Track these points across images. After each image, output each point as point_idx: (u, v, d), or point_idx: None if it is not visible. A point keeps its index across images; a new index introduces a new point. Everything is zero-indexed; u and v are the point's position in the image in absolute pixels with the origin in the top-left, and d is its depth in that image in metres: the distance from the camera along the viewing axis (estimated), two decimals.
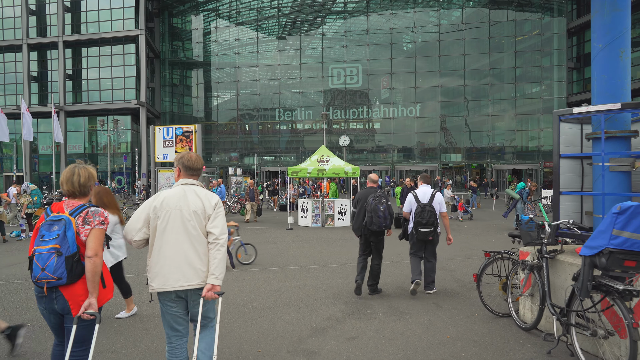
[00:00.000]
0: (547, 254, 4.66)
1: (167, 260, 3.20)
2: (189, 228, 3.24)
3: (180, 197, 3.28)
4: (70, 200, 3.16)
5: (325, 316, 5.71)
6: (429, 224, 6.48)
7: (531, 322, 4.90)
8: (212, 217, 3.29)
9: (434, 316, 5.67)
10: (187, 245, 3.23)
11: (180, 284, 3.19)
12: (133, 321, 5.60)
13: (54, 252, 2.89)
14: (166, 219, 3.24)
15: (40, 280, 2.90)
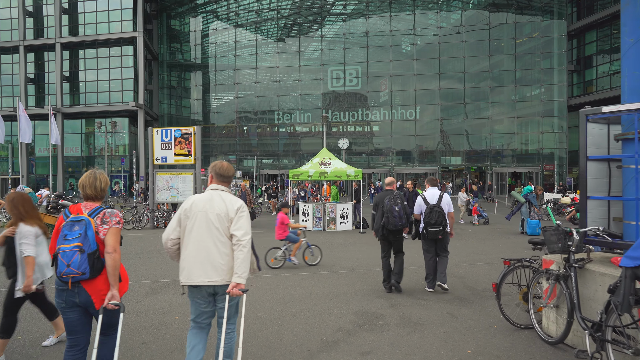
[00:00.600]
0: (575, 263, 4.35)
1: (191, 258, 3.51)
2: (212, 229, 3.50)
3: (207, 200, 3.57)
4: (88, 203, 3.45)
5: (335, 328, 5.40)
6: (437, 224, 6.89)
7: (557, 335, 4.59)
8: (235, 220, 3.52)
9: (450, 328, 5.35)
10: (210, 245, 3.49)
11: (201, 280, 3.47)
12: (130, 334, 5.27)
13: (77, 250, 3.17)
14: (193, 220, 3.53)
15: (66, 275, 3.16)
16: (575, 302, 4.19)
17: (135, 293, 7.19)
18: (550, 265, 4.83)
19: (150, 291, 7.33)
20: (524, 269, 5.37)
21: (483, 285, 7.61)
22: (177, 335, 5.19)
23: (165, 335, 5.19)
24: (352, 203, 16.97)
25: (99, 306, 3.27)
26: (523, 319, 5.36)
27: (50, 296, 4.46)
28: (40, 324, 5.60)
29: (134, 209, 18.06)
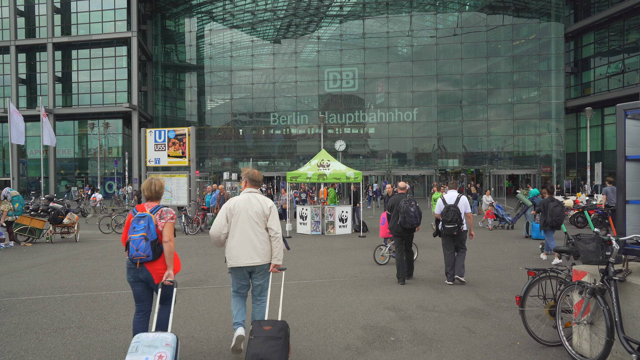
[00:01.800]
0: (615, 276, 3.89)
1: (237, 246, 4.50)
2: (252, 223, 4.53)
3: (246, 201, 4.60)
4: (149, 202, 4.40)
5: (343, 345, 4.90)
6: (453, 222, 7.68)
7: (592, 356, 4.12)
8: (270, 216, 4.59)
9: (469, 345, 4.87)
10: (252, 235, 4.51)
11: (247, 262, 4.50)
12: (117, 355, 4.75)
13: (143, 239, 4.10)
14: (237, 217, 4.54)
15: (135, 257, 4.11)
16: (617, 320, 3.73)
17: (123, 304, 6.66)
18: (583, 277, 4.36)
19: None
20: (549, 280, 4.90)
21: (496, 294, 7.14)
22: None
23: None
24: (351, 206, 16.51)
25: (157, 282, 4.21)
26: (549, 335, 4.89)
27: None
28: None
29: (126, 212, 17.49)
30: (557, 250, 5.06)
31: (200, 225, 16.54)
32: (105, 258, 10.89)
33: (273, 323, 4.10)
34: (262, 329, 4.01)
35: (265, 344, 3.86)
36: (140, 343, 3.63)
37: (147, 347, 3.60)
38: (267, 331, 3.98)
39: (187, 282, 8.16)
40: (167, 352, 3.58)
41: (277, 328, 4.01)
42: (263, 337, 3.92)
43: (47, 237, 14.08)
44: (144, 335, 3.74)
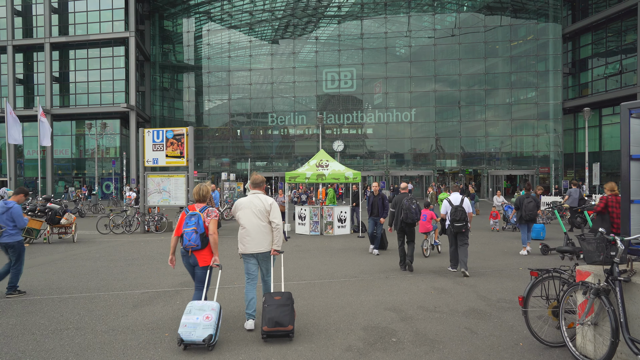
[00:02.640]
0: (620, 276, 3.85)
1: (246, 236, 5.49)
2: (257, 218, 5.48)
3: (250, 201, 5.57)
4: (197, 204, 5.49)
5: (344, 347, 4.85)
6: (461, 220, 8.68)
7: (595, 356, 4.09)
8: (271, 211, 5.51)
9: (471, 346, 4.83)
10: (257, 228, 5.48)
11: (255, 249, 5.49)
12: (113, 357, 4.69)
13: (194, 231, 5.19)
14: (243, 213, 5.54)
15: (187, 246, 5.22)
16: (622, 320, 3.69)
17: (122, 305, 6.61)
18: (587, 278, 4.32)
19: (139, 303, 6.75)
20: (553, 281, 4.86)
21: (497, 294, 7.10)
22: (166, 356, 4.61)
23: (154, 356, 4.61)
24: (350, 206, 16.47)
25: (201, 265, 5.32)
26: (552, 336, 4.85)
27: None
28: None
29: (124, 213, 17.41)
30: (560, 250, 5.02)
31: None
32: (103, 258, 10.82)
33: (281, 294, 5.20)
34: (274, 299, 5.16)
35: (277, 310, 5.02)
36: (193, 307, 4.95)
37: (198, 309, 4.92)
38: (277, 300, 5.12)
39: (186, 282, 8.10)
40: (213, 314, 4.89)
41: (285, 297, 5.17)
42: (275, 305, 5.07)
43: (45, 238, 13.99)
44: (195, 302, 5.06)
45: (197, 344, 4.70)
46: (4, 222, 7.20)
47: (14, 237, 7.23)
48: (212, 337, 4.71)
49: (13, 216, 7.21)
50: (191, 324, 4.75)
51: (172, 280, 8.35)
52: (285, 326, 4.94)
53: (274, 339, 5.03)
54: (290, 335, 5.03)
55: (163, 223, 16.94)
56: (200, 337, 4.67)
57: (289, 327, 4.95)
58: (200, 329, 4.72)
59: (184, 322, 4.77)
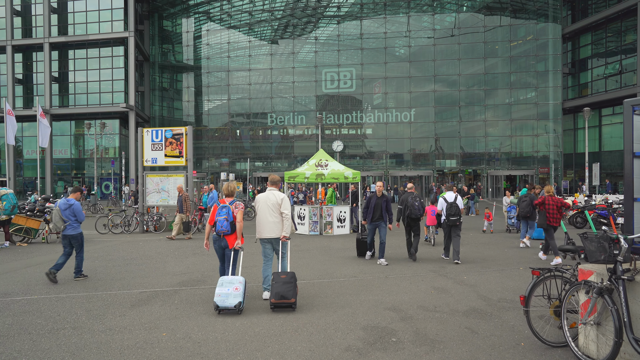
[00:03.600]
0: (623, 275, 3.80)
1: (261, 225, 6.82)
2: (270, 211, 6.77)
3: (267, 196, 6.87)
4: (227, 198, 6.84)
5: (343, 346, 4.80)
6: (455, 214, 10.06)
7: (598, 357, 4.03)
8: (282, 205, 6.79)
9: (472, 346, 4.77)
10: (270, 218, 6.78)
11: (268, 235, 6.81)
12: (110, 356, 4.64)
13: (225, 219, 6.54)
14: (260, 206, 6.87)
15: (220, 231, 6.56)
16: (626, 320, 3.64)
17: (119, 304, 6.55)
18: (590, 277, 4.27)
19: (137, 302, 6.69)
20: (554, 280, 4.81)
21: (498, 294, 7.05)
22: (163, 356, 4.55)
23: (151, 356, 4.56)
24: (349, 206, 16.41)
25: (230, 247, 6.64)
26: (554, 336, 4.80)
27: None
28: None
29: (123, 212, 17.36)
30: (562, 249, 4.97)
31: (198, 226, 16.41)
32: (102, 258, 10.76)
33: (286, 273, 6.36)
34: (280, 277, 6.31)
35: (283, 286, 6.19)
36: (224, 281, 6.21)
37: (228, 282, 6.17)
38: (283, 278, 6.28)
39: (185, 282, 8.05)
40: (240, 286, 6.15)
41: (289, 276, 6.31)
42: (281, 282, 6.24)
43: (43, 238, 13.94)
44: (225, 277, 6.36)
45: (229, 309, 6.01)
46: (67, 217, 8.26)
47: (76, 230, 8.35)
48: (241, 304, 6.04)
49: (74, 212, 8.33)
50: (224, 294, 6.03)
51: (171, 279, 8.29)
52: (289, 299, 6.13)
53: (280, 309, 6.22)
54: (293, 306, 6.18)
55: (162, 223, 16.88)
56: (232, 304, 5.98)
57: (291, 300, 6.13)
58: (232, 297, 6.01)
59: (218, 292, 6.06)
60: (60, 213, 8.29)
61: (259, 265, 8.69)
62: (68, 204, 8.33)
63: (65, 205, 8.31)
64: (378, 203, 9.96)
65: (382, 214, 9.92)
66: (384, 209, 9.92)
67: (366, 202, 10.20)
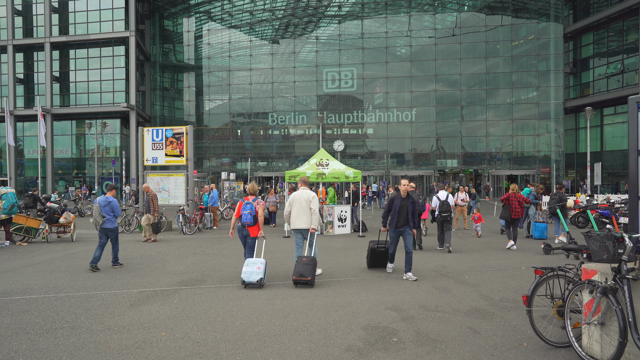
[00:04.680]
0: (628, 274, 3.74)
1: (295, 217, 8.19)
2: (302, 206, 8.17)
3: (300, 194, 8.27)
4: (251, 196, 8.06)
5: (344, 346, 4.75)
6: (447, 211, 11.63)
7: (602, 357, 3.98)
8: (311, 202, 8.18)
9: (474, 346, 4.72)
10: (302, 212, 8.16)
11: (300, 226, 8.18)
12: (108, 356, 4.59)
13: (249, 213, 7.78)
14: (295, 202, 8.23)
15: (244, 223, 7.79)
16: (630, 320, 3.58)
17: (118, 304, 6.51)
18: (593, 276, 4.22)
19: (136, 302, 6.65)
20: (557, 279, 4.76)
21: (499, 294, 7.00)
22: (162, 355, 4.51)
23: (149, 356, 4.51)
24: (350, 206, 16.35)
25: (252, 236, 7.92)
26: (557, 336, 4.75)
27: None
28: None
29: (124, 212, 17.32)
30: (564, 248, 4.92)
31: (198, 225, 16.36)
32: (102, 257, 10.72)
33: (307, 257, 7.71)
34: (302, 260, 7.65)
35: (303, 267, 7.53)
36: (249, 262, 7.61)
37: (252, 263, 7.59)
38: (304, 261, 7.63)
39: (184, 281, 8.01)
40: (262, 266, 7.55)
41: (309, 260, 7.63)
42: (302, 264, 7.59)
43: (43, 237, 13.90)
44: (251, 258, 7.74)
45: (253, 284, 7.45)
46: (106, 213, 9.30)
47: (113, 224, 9.40)
48: (262, 280, 7.46)
49: (112, 208, 9.40)
50: (249, 272, 7.48)
51: (171, 279, 8.25)
52: (306, 277, 7.45)
53: (300, 286, 7.58)
54: (310, 283, 7.50)
55: (163, 222, 16.83)
56: (255, 279, 7.42)
57: (308, 278, 7.43)
58: (254, 275, 7.44)
59: (244, 271, 7.52)
60: (99, 209, 9.25)
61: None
62: (107, 201, 9.36)
63: (104, 202, 9.33)
64: (403, 205, 8.45)
65: (408, 219, 8.40)
66: (410, 212, 8.42)
67: (387, 205, 8.75)
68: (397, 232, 8.51)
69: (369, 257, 9.15)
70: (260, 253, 8.37)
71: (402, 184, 8.68)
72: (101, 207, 9.24)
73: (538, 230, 13.43)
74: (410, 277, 8.11)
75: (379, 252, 9.06)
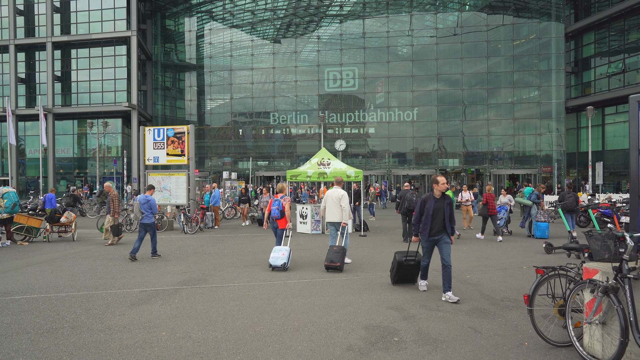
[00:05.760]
0: (629, 273, 3.73)
1: (328, 212, 9.57)
2: (334, 203, 9.47)
3: (332, 192, 9.59)
4: (279, 194, 9.78)
5: (345, 346, 4.74)
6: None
7: (604, 356, 3.97)
8: (342, 200, 9.40)
9: (475, 345, 4.71)
10: (334, 208, 9.49)
11: (332, 220, 9.52)
12: (108, 356, 4.59)
13: (277, 209, 9.40)
14: (328, 199, 9.59)
15: (273, 217, 9.46)
16: (632, 319, 3.57)
17: (119, 304, 6.50)
18: (595, 275, 4.20)
19: (137, 301, 6.65)
20: (559, 279, 4.74)
21: (501, 293, 6.99)
22: (162, 355, 4.51)
23: (150, 355, 4.51)
24: (351, 205, 16.34)
25: (280, 228, 9.50)
26: (558, 336, 4.73)
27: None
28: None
29: (125, 211, 17.33)
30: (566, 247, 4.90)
31: (200, 224, 16.37)
32: (103, 257, 10.74)
33: (338, 247, 9.01)
34: (333, 249, 8.98)
35: (333, 254, 8.84)
36: (276, 249, 9.01)
37: (278, 250, 8.97)
38: (335, 250, 8.93)
39: (185, 281, 8.01)
40: (286, 252, 8.92)
41: (339, 248, 8.94)
42: (333, 252, 8.90)
43: (44, 236, 13.92)
44: (277, 246, 9.16)
45: (278, 267, 8.87)
46: (145, 210, 10.44)
47: (150, 220, 10.51)
48: (285, 264, 8.86)
49: (151, 205, 10.50)
50: (275, 257, 8.90)
51: (172, 278, 8.25)
52: (336, 263, 8.72)
53: (330, 270, 8.83)
54: (339, 268, 8.71)
55: (164, 222, 16.85)
56: (279, 264, 8.83)
57: (337, 264, 8.69)
58: (279, 260, 8.85)
59: (272, 256, 8.93)
60: (140, 206, 10.47)
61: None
62: (146, 199, 10.46)
63: (144, 200, 10.45)
64: (438, 208, 6.84)
65: (445, 224, 6.83)
66: (448, 216, 6.84)
67: (419, 207, 7.05)
68: (431, 240, 6.90)
69: (395, 272, 7.52)
70: (287, 242, 9.84)
71: (440, 182, 6.87)
72: (141, 204, 10.40)
73: (540, 229, 13.41)
74: (451, 298, 6.52)
75: (407, 266, 7.43)
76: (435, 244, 6.91)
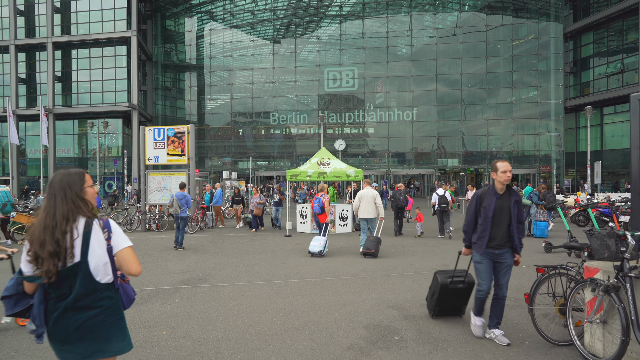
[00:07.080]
0: (631, 272, 3.74)
1: (363, 209, 11.03)
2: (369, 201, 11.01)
3: (366, 192, 11.14)
4: (320, 192, 13.19)
5: (346, 345, 4.75)
6: (444, 203, 13.99)
7: (605, 355, 3.97)
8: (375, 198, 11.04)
9: (476, 345, 4.72)
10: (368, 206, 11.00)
11: (366, 216, 11.00)
12: None
13: (318, 205, 12.61)
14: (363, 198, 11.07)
15: (315, 212, 12.75)
16: (633, 318, 3.57)
17: None
18: (596, 274, 4.21)
19: (137, 301, 6.64)
20: (560, 277, 4.75)
21: None
22: (163, 355, 4.51)
23: (150, 355, 4.52)
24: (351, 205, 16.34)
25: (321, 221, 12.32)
26: (559, 335, 4.74)
27: None
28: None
29: (125, 211, 17.34)
30: (566, 246, 4.91)
31: (200, 224, 16.38)
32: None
33: (374, 237, 10.42)
34: (369, 238, 10.39)
35: (369, 243, 10.27)
36: (315, 238, 10.68)
37: (317, 239, 10.64)
38: (371, 239, 10.30)
39: (186, 280, 8.01)
40: (322, 241, 10.54)
41: (375, 238, 10.33)
42: (369, 241, 10.31)
43: None
44: (317, 236, 10.80)
45: (315, 253, 10.35)
46: (182, 204, 11.93)
47: (184, 213, 12.01)
48: (322, 251, 10.36)
49: (187, 201, 12.13)
50: (314, 245, 10.42)
51: (172, 278, 8.26)
52: (371, 250, 10.17)
53: (367, 257, 10.23)
54: (374, 255, 10.12)
55: (164, 221, 16.86)
56: (316, 251, 10.33)
57: (372, 251, 10.14)
58: (317, 247, 10.35)
59: (311, 244, 10.47)
60: (177, 202, 11.90)
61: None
62: (183, 195, 12.07)
63: (181, 196, 12.02)
64: (502, 207, 4.69)
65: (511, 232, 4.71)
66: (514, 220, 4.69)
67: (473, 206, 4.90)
68: (490, 254, 4.75)
69: (437, 299, 5.48)
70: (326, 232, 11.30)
71: (500, 169, 4.64)
72: (178, 199, 11.91)
73: (539, 229, 13.42)
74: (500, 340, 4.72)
75: (453, 291, 5.42)
76: (495, 260, 4.76)
